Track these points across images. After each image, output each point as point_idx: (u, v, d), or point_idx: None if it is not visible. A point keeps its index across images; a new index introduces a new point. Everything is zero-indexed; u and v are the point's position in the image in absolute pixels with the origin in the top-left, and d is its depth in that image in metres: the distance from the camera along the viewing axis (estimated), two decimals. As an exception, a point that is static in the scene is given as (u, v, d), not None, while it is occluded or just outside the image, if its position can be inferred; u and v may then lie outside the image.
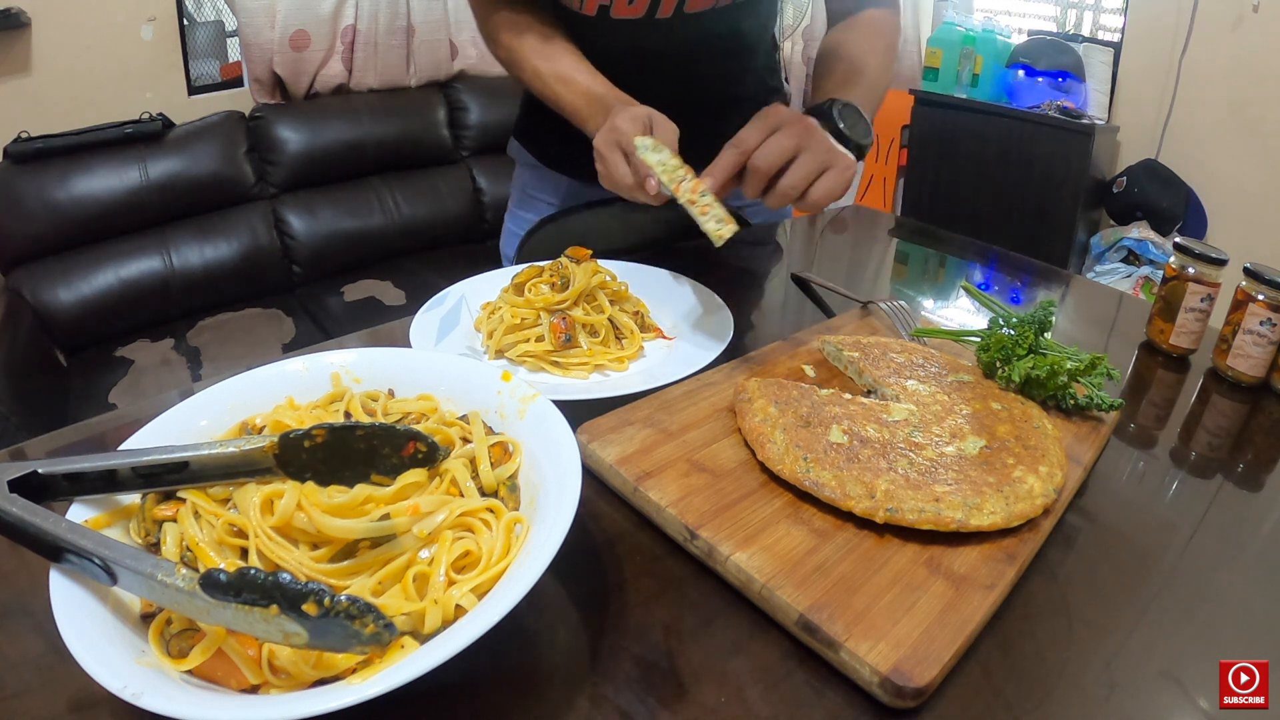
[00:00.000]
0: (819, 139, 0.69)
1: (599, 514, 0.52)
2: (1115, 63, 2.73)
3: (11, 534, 0.38)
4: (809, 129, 0.69)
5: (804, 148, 0.68)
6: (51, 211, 1.99)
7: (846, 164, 0.69)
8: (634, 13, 0.86)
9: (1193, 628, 0.46)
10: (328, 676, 0.36)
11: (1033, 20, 3.06)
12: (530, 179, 1.11)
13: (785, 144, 0.67)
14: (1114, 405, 0.61)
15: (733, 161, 0.68)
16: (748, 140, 0.68)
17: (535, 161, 1.09)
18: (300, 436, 0.43)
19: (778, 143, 0.67)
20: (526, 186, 1.12)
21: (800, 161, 0.67)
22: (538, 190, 1.10)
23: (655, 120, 0.75)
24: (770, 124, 0.69)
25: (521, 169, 1.14)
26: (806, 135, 0.68)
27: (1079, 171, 2.61)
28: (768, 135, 0.68)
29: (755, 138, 0.68)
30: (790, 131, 0.68)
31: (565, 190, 1.08)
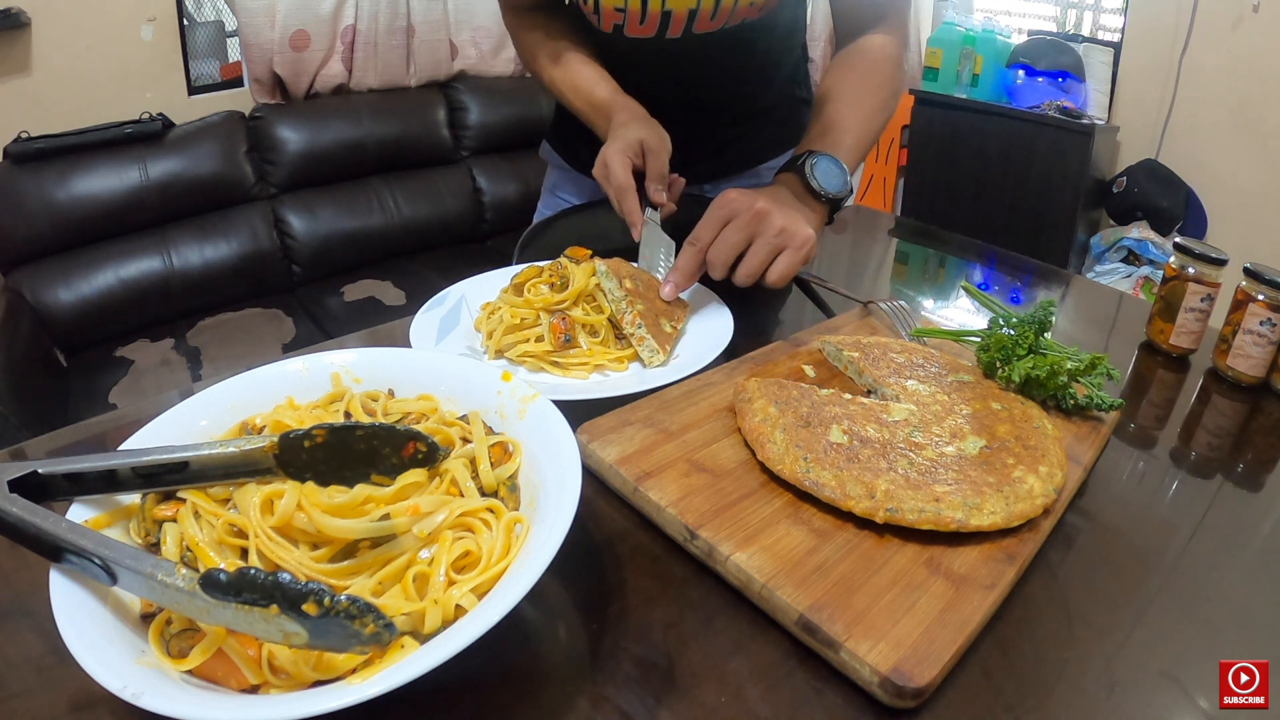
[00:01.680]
0: (770, 223, 0.72)
1: (599, 514, 0.52)
2: (1115, 63, 2.74)
3: (11, 534, 0.38)
4: (760, 215, 0.72)
5: (756, 234, 0.72)
6: (51, 211, 1.99)
7: (800, 241, 0.72)
8: (645, 33, 0.87)
9: (1193, 628, 0.46)
10: (327, 678, 0.36)
11: (1033, 20, 3.06)
12: (559, 180, 1.15)
13: (735, 238, 0.72)
14: (1114, 405, 0.61)
15: (693, 261, 0.73)
16: (702, 238, 0.73)
17: (565, 164, 1.13)
18: (300, 436, 0.43)
19: (728, 238, 0.72)
20: (555, 187, 1.16)
21: (753, 250, 0.72)
22: (565, 191, 1.14)
23: (648, 146, 0.80)
24: (723, 216, 0.73)
25: (552, 170, 1.18)
26: (757, 222, 0.72)
27: (1079, 171, 2.61)
28: (720, 228, 0.72)
29: (709, 234, 0.73)
30: (740, 223, 0.72)
31: (592, 191, 1.10)
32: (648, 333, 0.68)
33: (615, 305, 0.69)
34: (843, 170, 0.81)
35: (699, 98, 0.96)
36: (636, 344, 0.68)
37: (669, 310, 0.73)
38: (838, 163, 0.81)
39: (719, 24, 0.87)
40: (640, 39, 0.88)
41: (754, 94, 1.02)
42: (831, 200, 0.80)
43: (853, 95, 0.88)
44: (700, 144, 0.97)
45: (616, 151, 0.80)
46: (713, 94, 0.98)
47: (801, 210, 0.76)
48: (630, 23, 0.86)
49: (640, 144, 0.80)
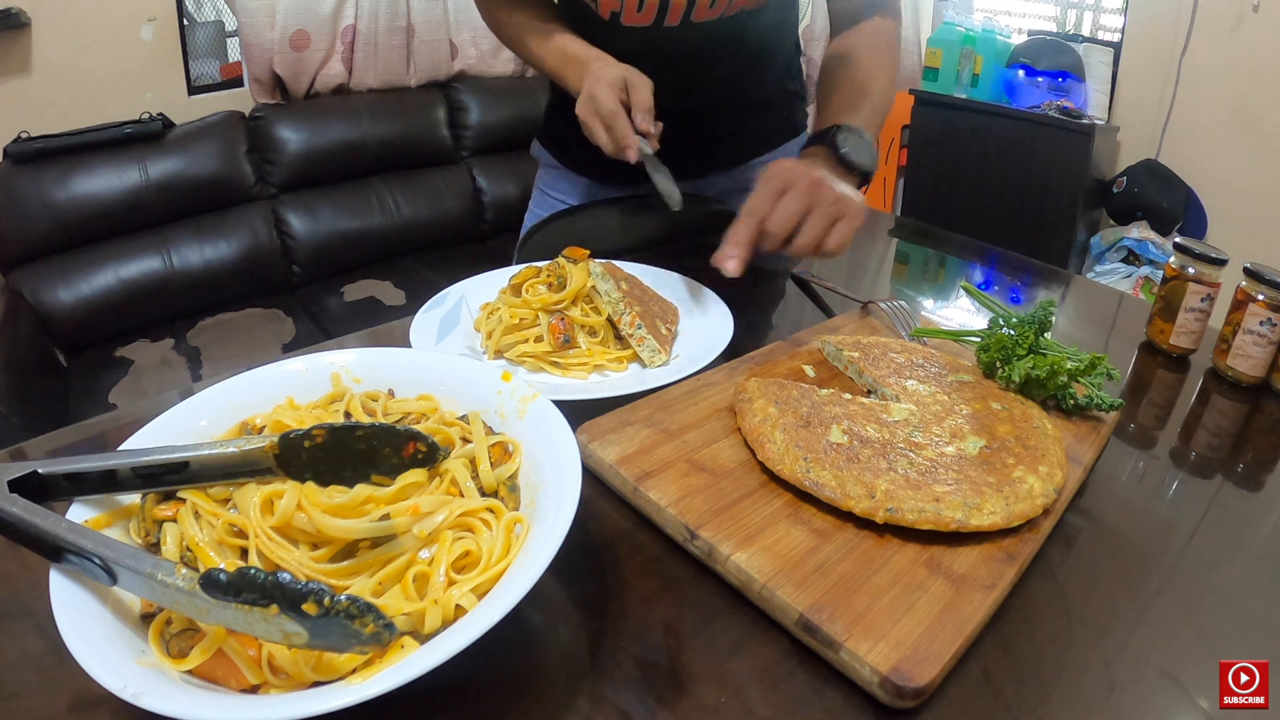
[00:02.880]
0: (826, 191, 0.70)
1: (599, 514, 0.52)
2: (1115, 63, 2.73)
3: (11, 534, 0.38)
4: (816, 184, 0.70)
5: (814, 205, 0.70)
6: (51, 211, 1.99)
7: (855, 210, 0.71)
8: (643, 20, 0.87)
9: (1193, 628, 0.46)
10: (327, 678, 0.36)
11: (1033, 20, 3.06)
12: (550, 178, 1.14)
13: (796, 206, 0.70)
14: (1114, 405, 0.61)
15: (751, 231, 0.71)
16: (760, 208, 0.71)
17: (556, 162, 1.12)
18: (300, 436, 0.43)
19: (789, 206, 0.70)
20: (546, 186, 1.14)
21: (811, 220, 0.70)
22: (556, 190, 1.13)
23: (630, 82, 0.79)
24: (778, 186, 0.71)
25: (543, 169, 1.16)
26: (815, 191, 0.70)
27: (1079, 171, 2.61)
28: (778, 198, 0.70)
29: (766, 204, 0.70)
30: (798, 192, 0.70)
31: (584, 189, 1.10)
32: (648, 333, 0.68)
33: (613, 307, 0.69)
34: (869, 143, 0.80)
35: (694, 91, 0.95)
36: (636, 344, 0.68)
37: (664, 312, 0.73)
38: (864, 135, 0.80)
39: (718, 13, 0.87)
40: (637, 28, 0.88)
41: (749, 87, 1.01)
42: (862, 173, 0.79)
43: (864, 76, 0.88)
44: (694, 138, 0.96)
45: (603, 84, 0.79)
46: (708, 87, 0.97)
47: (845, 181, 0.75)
48: (628, 10, 0.86)
49: (624, 79, 0.79)
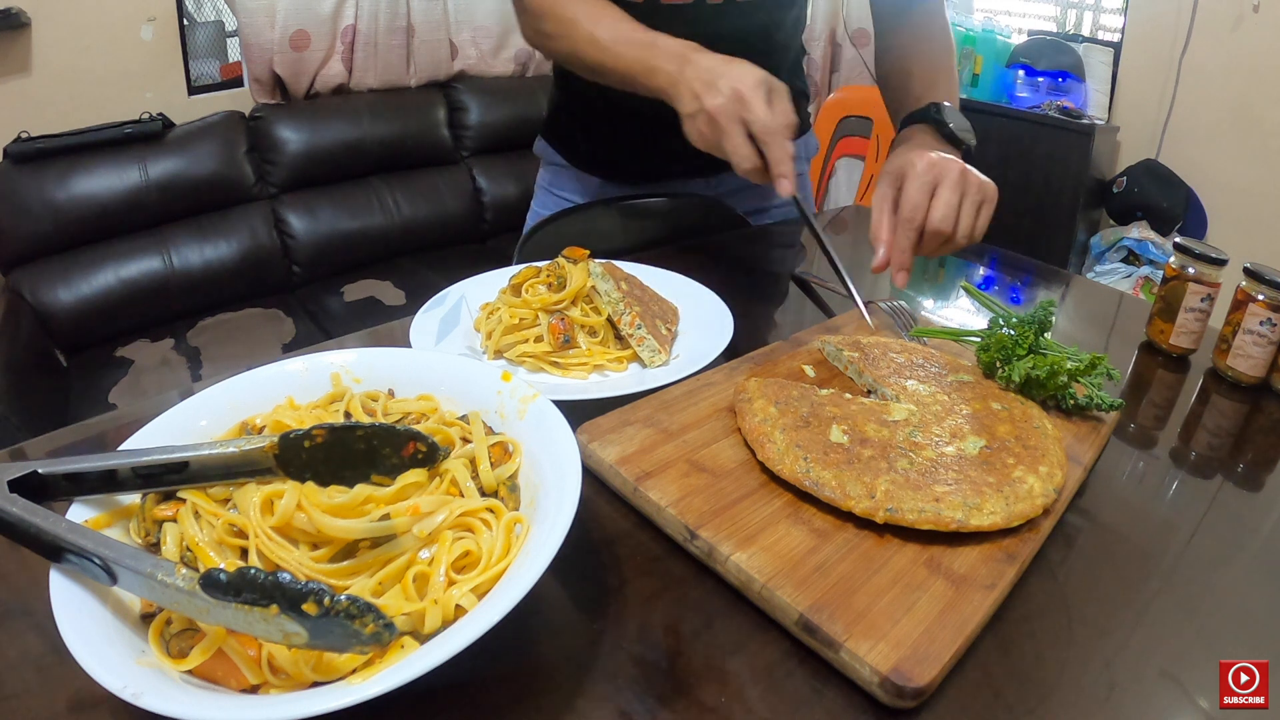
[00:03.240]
0: (971, 178, 0.70)
1: (599, 514, 0.52)
2: (1115, 63, 2.73)
3: (11, 534, 0.38)
4: (963, 173, 0.70)
5: (964, 194, 0.69)
6: (51, 211, 1.99)
7: (994, 192, 0.71)
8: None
9: (1193, 628, 0.46)
10: (327, 678, 0.36)
11: (1033, 20, 3.06)
12: (556, 178, 1.11)
13: (954, 200, 0.69)
14: (1114, 405, 0.61)
15: (913, 236, 0.69)
16: (918, 206, 0.69)
17: (563, 161, 1.09)
18: (300, 436, 0.43)
19: (949, 201, 0.69)
20: (551, 185, 1.12)
21: (965, 209, 0.69)
22: (562, 188, 1.10)
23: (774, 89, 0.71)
24: (930, 180, 0.69)
25: (547, 167, 1.13)
26: (964, 181, 0.70)
27: (1079, 171, 2.61)
28: (930, 194, 0.69)
29: (923, 201, 0.69)
30: (952, 184, 0.69)
31: (592, 189, 1.08)
32: (648, 333, 0.68)
33: (613, 307, 0.69)
34: (963, 117, 0.80)
35: None
36: (636, 345, 0.68)
37: (664, 312, 0.73)
38: (958, 113, 0.80)
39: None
40: (675, 8, 0.86)
41: None
42: (966, 147, 0.79)
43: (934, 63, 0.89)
44: None
45: (754, 82, 0.69)
46: None
47: None
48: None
49: (768, 83, 0.70)
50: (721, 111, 0.68)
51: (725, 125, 0.69)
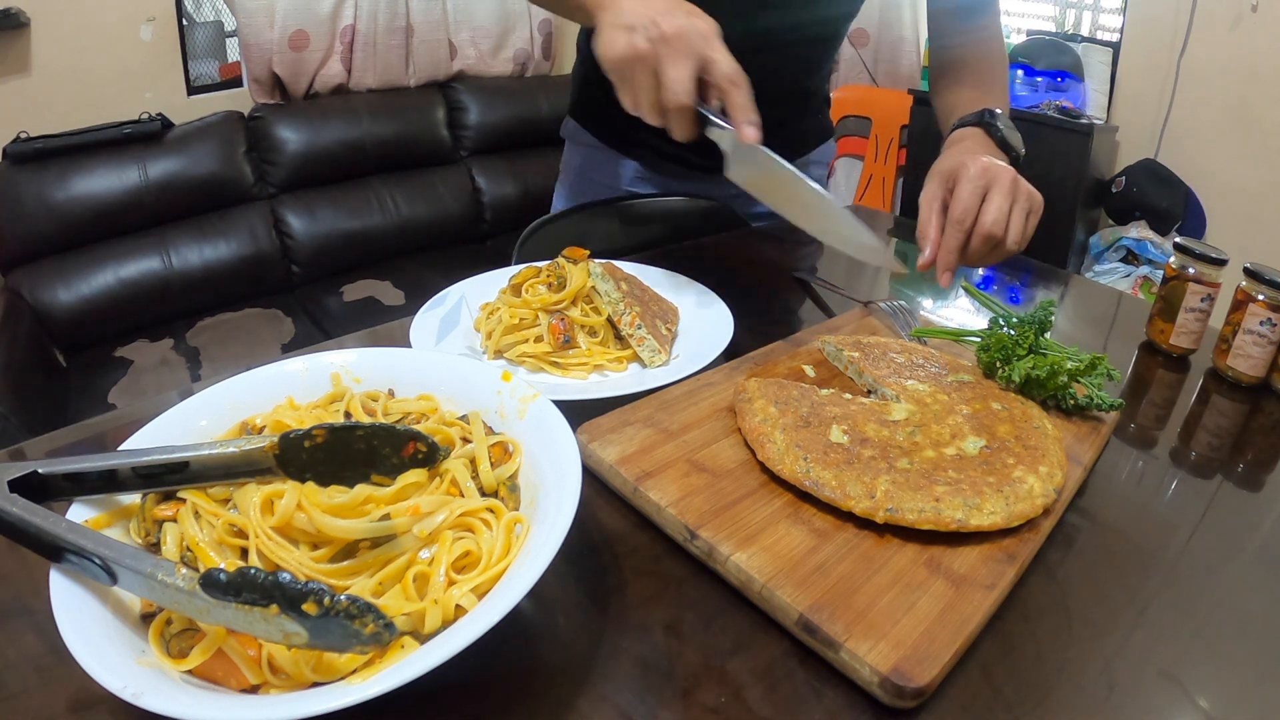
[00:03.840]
0: (1021, 186, 0.70)
1: (599, 514, 0.52)
2: (1114, 62, 2.73)
3: (11, 534, 0.38)
4: (1014, 180, 0.69)
5: (1015, 201, 0.69)
6: (51, 211, 1.99)
7: (1041, 200, 0.71)
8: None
9: (1193, 628, 0.46)
10: (327, 679, 0.36)
11: (1032, 20, 3.06)
12: (589, 161, 1.04)
13: (1005, 205, 0.68)
14: (1114, 405, 0.61)
15: (961, 238, 0.68)
16: (970, 209, 0.68)
17: (596, 142, 1.03)
18: (300, 436, 0.43)
19: (1000, 206, 0.68)
20: (586, 170, 1.05)
21: (1015, 216, 0.68)
22: (599, 174, 1.03)
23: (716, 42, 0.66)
24: (982, 186, 0.69)
25: (577, 151, 1.06)
26: (1015, 188, 0.69)
27: (1078, 171, 2.61)
28: (981, 199, 0.68)
29: (974, 205, 0.68)
30: (1003, 190, 0.68)
31: (631, 175, 1.03)
32: (648, 333, 0.68)
33: (613, 307, 0.69)
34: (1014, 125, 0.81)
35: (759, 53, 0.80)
36: (636, 345, 0.68)
37: (664, 312, 0.73)
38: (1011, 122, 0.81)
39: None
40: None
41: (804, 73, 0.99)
42: (1015, 155, 0.79)
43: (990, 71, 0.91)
44: None
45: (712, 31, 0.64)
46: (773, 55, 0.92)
47: None
48: None
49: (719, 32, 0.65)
50: (680, 36, 0.61)
51: (678, 49, 0.61)
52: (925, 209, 0.71)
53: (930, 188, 0.72)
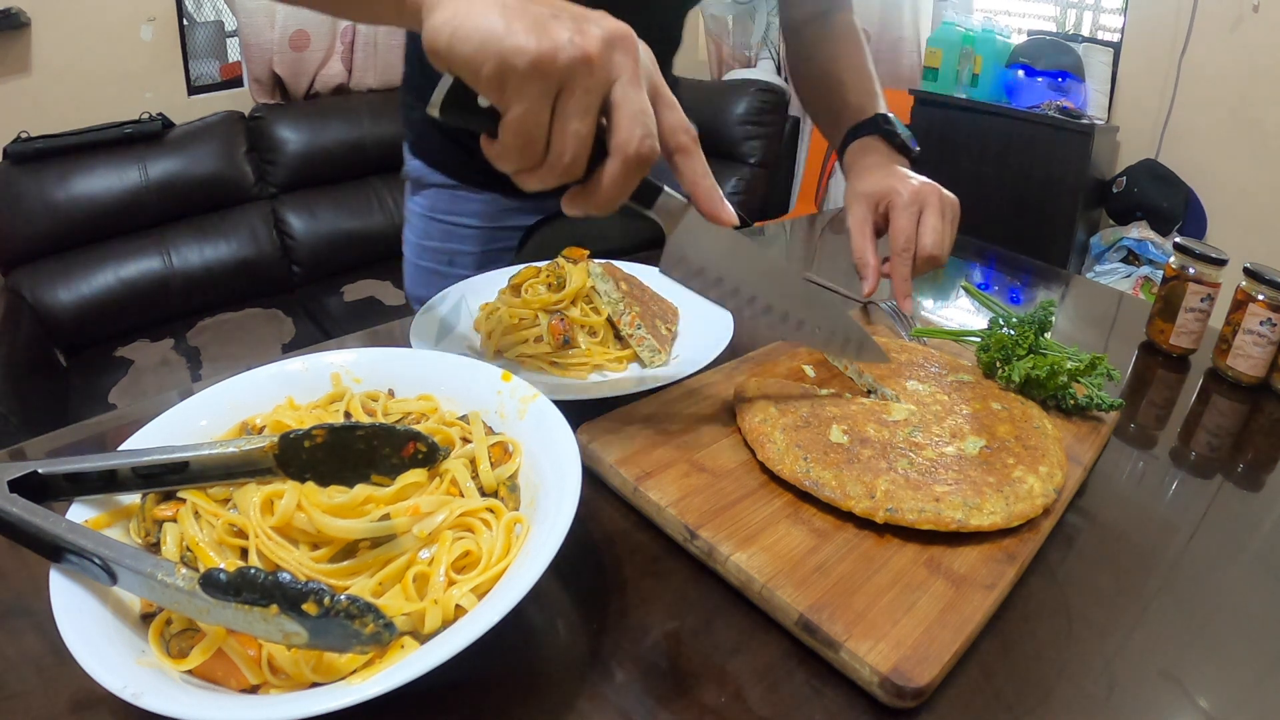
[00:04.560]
0: (946, 201, 0.73)
1: (599, 514, 0.52)
2: (1115, 63, 2.73)
3: (11, 534, 0.38)
4: (939, 197, 0.73)
5: (943, 215, 0.73)
6: (51, 211, 2.00)
7: (958, 204, 0.75)
8: None
9: (1193, 628, 0.46)
10: (327, 679, 0.36)
11: (1032, 20, 3.06)
12: (439, 204, 0.94)
13: (939, 224, 0.73)
14: (1114, 405, 0.61)
15: (909, 266, 0.72)
16: (909, 236, 0.72)
17: (450, 180, 0.93)
18: (300, 436, 0.43)
19: (936, 226, 0.72)
20: (438, 212, 0.94)
21: (946, 233, 0.73)
22: (454, 215, 0.94)
23: None
24: (915, 210, 0.72)
25: (425, 192, 0.95)
26: (941, 204, 0.73)
27: (1079, 171, 2.61)
28: (917, 222, 0.72)
29: (913, 230, 0.72)
30: (935, 208, 0.73)
31: (491, 210, 0.93)
32: (647, 333, 0.68)
33: (612, 307, 0.69)
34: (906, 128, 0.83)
35: None
36: (636, 345, 0.68)
37: (664, 312, 0.73)
38: (900, 122, 0.83)
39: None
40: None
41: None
42: (915, 156, 0.82)
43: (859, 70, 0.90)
44: None
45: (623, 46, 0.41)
46: None
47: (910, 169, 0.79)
48: None
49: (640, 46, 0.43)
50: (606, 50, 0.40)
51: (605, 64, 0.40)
52: (859, 237, 0.75)
53: (858, 211, 0.76)
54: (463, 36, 0.39)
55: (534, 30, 0.38)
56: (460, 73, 0.40)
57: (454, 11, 0.40)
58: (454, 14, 0.39)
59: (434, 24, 0.40)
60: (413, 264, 1.01)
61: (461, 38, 0.39)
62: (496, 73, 0.39)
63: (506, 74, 0.39)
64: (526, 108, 0.39)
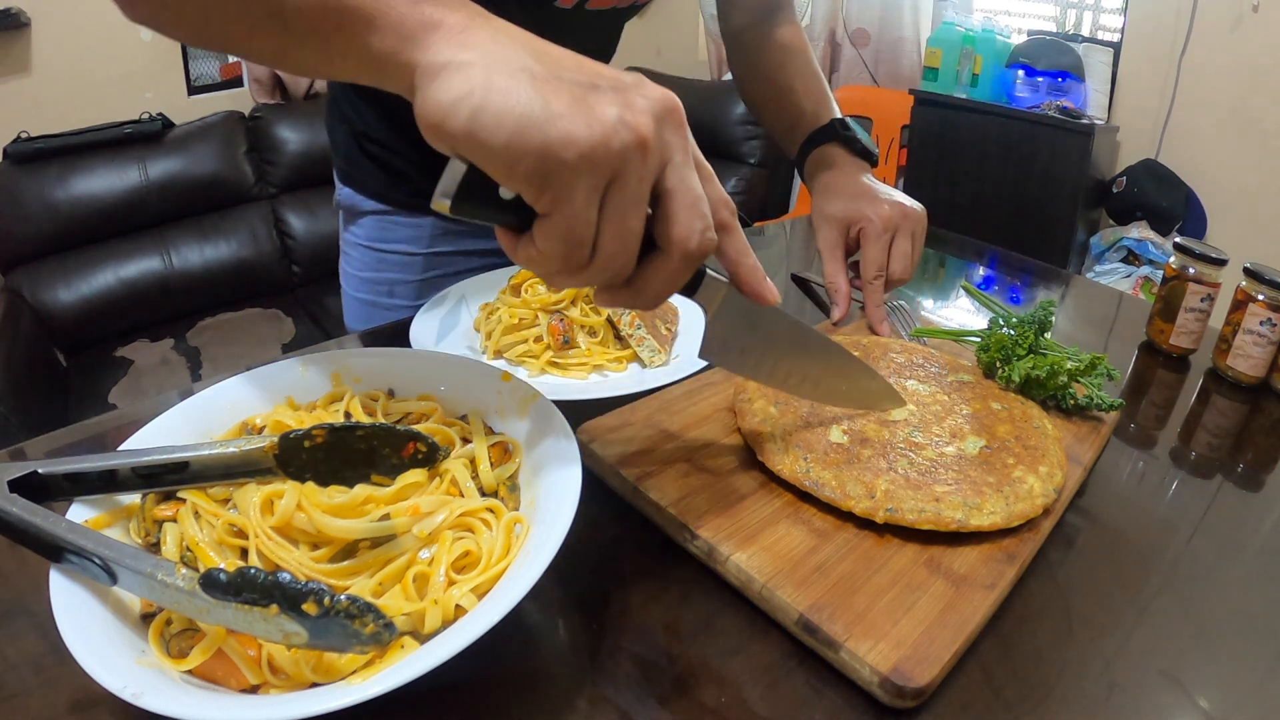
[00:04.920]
0: (916, 220, 0.75)
1: (599, 514, 0.52)
2: (1115, 63, 2.73)
3: (11, 534, 0.38)
4: (905, 213, 0.74)
5: (913, 241, 0.74)
6: (51, 211, 2.00)
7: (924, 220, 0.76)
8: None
9: (1193, 628, 0.46)
10: (327, 680, 0.36)
11: (1032, 20, 3.06)
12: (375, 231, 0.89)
13: (909, 249, 0.74)
14: (1114, 405, 0.61)
15: (881, 292, 0.73)
16: (881, 263, 0.73)
17: (383, 206, 0.87)
18: (300, 436, 0.43)
19: (905, 253, 0.74)
20: (373, 240, 0.90)
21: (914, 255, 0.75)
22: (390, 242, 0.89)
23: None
24: (887, 237, 0.73)
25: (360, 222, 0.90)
26: (910, 227, 0.74)
27: (1079, 171, 2.61)
28: (889, 247, 0.73)
29: (884, 257, 0.73)
30: (905, 232, 0.74)
31: (427, 235, 0.88)
32: (647, 333, 0.68)
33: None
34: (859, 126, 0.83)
35: None
36: (636, 345, 0.68)
37: (663, 313, 0.73)
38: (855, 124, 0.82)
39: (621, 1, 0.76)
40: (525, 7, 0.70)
41: None
42: (875, 159, 0.82)
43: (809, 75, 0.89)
44: None
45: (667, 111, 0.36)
46: None
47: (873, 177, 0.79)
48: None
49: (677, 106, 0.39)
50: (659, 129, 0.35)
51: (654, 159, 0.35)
52: (831, 262, 0.76)
53: (830, 236, 0.76)
54: (491, 121, 0.31)
55: (578, 110, 0.32)
56: (485, 165, 0.33)
57: (470, 84, 0.32)
58: (471, 87, 0.32)
59: (442, 98, 0.32)
60: (351, 298, 0.96)
61: (489, 123, 0.31)
62: (539, 169, 0.32)
63: (552, 171, 0.32)
64: (575, 207, 0.33)
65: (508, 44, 0.34)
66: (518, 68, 0.33)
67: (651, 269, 0.38)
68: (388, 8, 0.35)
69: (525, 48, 0.34)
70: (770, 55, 0.91)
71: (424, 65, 0.34)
